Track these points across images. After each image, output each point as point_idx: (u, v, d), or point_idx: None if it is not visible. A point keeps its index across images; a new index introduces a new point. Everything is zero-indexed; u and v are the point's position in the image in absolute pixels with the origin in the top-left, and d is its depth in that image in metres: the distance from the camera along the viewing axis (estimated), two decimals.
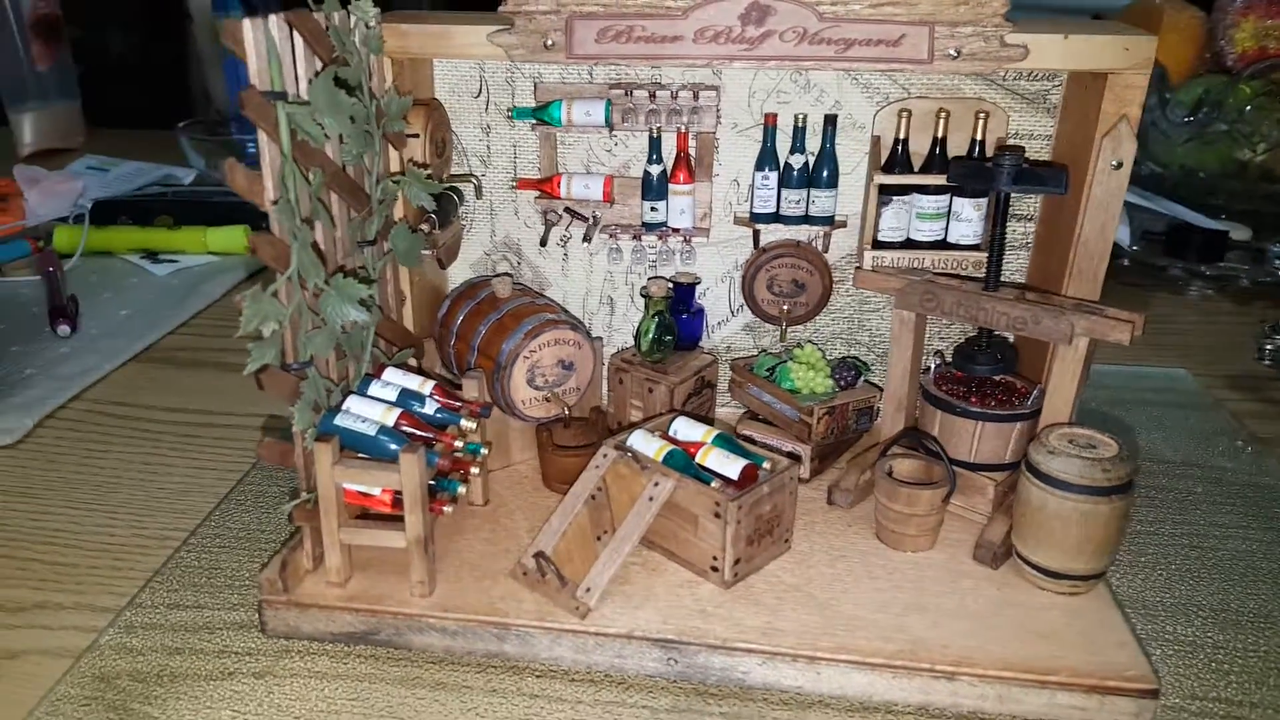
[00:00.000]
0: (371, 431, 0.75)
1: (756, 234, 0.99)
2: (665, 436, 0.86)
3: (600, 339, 1.01)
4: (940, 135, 0.91)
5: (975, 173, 0.84)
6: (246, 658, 0.77)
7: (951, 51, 0.80)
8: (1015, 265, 0.98)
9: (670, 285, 0.97)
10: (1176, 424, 1.13)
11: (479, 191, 0.99)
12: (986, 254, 0.88)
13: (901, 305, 0.90)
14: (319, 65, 0.72)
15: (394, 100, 0.82)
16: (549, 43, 0.84)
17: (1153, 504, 0.98)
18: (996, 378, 0.90)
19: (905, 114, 0.91)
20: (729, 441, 0.85)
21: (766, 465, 0.82)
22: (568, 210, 1.00)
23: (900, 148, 0.93)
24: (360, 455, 0.77)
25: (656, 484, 0.79)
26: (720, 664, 0.74)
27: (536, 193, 1.00)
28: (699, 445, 0.84)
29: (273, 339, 0.69)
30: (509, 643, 0.76)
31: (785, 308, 1.00)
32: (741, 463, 0.81)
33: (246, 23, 0.64)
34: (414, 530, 0.75)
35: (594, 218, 1.00)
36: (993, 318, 0.85)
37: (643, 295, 0.99)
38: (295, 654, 0.78)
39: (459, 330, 0.96)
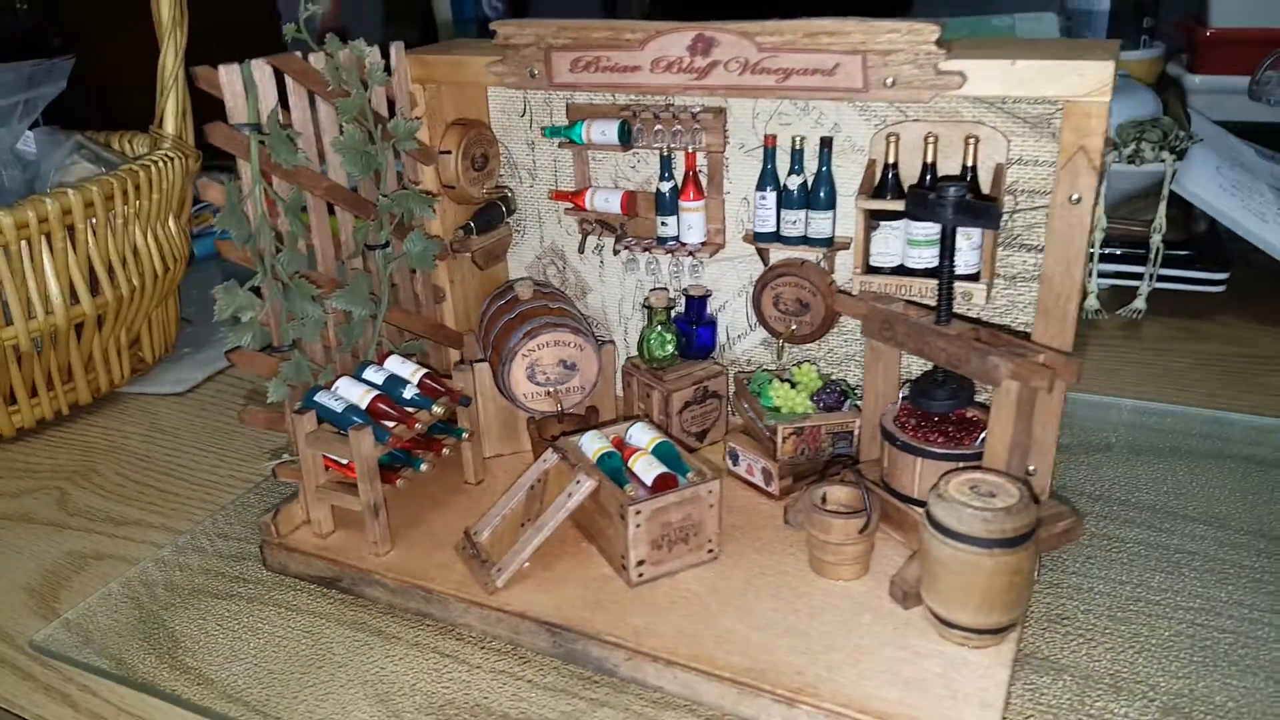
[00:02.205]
0: (339, 409, 0.89)
1: (762, 251, 1.01)
2: (616, 439, 0.92)
3: (612, 342, 1.07)
4: (929, 160, 0.89)
5: (921, 203, 0.82)
6: (249, 585, 0.94)
7: (888, 79, 0.79)
8: (1028, 298, 0.92)
9: (674, 296, 1.02)
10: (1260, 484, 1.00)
11: (510, 203, 1.10)
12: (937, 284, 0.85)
13: (865, 332, 0.89)
14: (307, 97, 0.87)
15: (401, 124, 0.95)
16: (534, 72, 0.92)
17: (1176, 569, 0.89)
18: (964, 413, 0.87)
19: (893, 138, 0.90)
20: (668, 451, 0.89)
21: (691, 477, 0.86)
22: (598, 221, 1.08)
23: (890, 172, 0.91)
24: (336, 429, 0.91)
25: (578, 482, 0.86)
26: (596, 654, 0.80)
27: (569, 204, 1.09)
28: (635, 450, 0.90)
29: (249, 324, 0.84)
30: (433, 605, 0.87)
31: (792, 326, 1.02)
32: (660, 471, 0.86)
33: (222, 68, 0.79)
34: (365, 497, 0.88)
35: (621, 229, 1.07)
36: (935, 352, 0.82)
37: (644, 306, 1.05)
38: (284, 588, 0.94)
39: (485, 326, 1.07)
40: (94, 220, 1.18)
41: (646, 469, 0.87)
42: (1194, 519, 0.96)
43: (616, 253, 1.08)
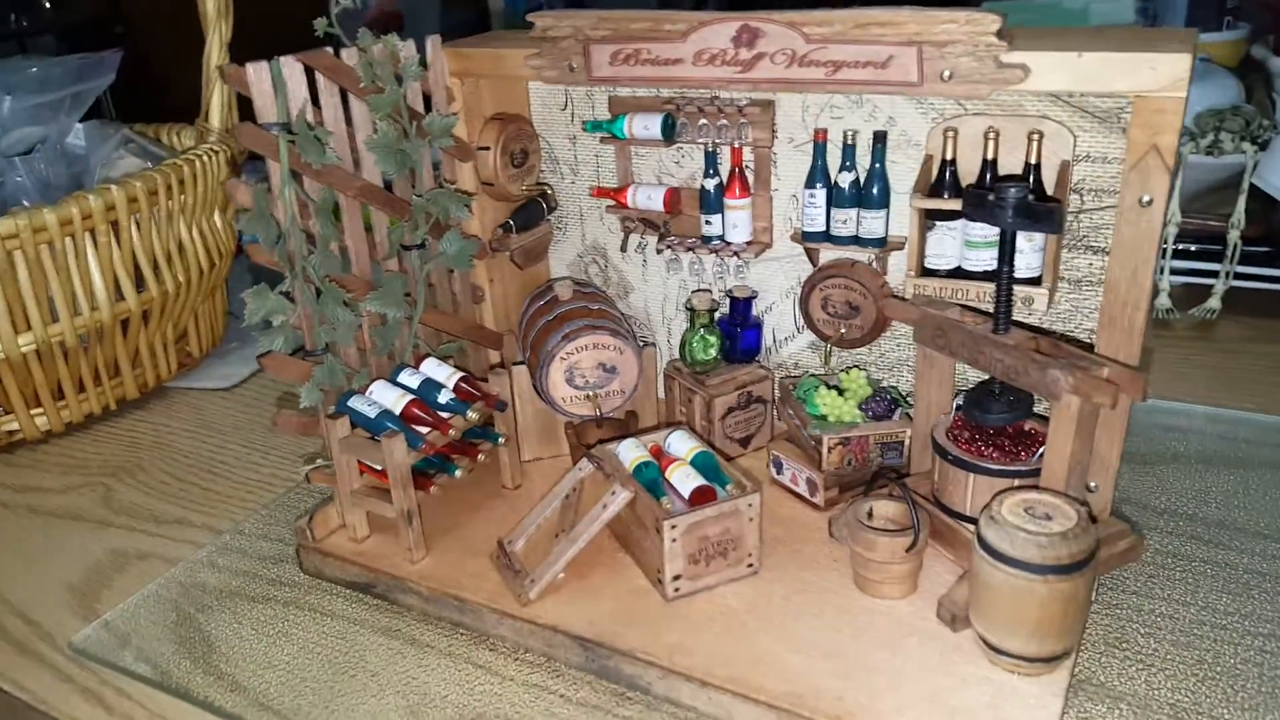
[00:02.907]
0: (373, 414, 0.87)
1: (810, 251, 0.97)
2: (654, 448, 0.90)
3: (653, 345, 1.04)
4: (990, 157, 0.84)
5: (979, 203, 0.77)
6: (286, 588, 0.93)
7: (945, 73, 0.74)
8: (1093, 304, 0.87)
9: (717, 298, 0.99)
10: None
11: (551, 200, 1.07)
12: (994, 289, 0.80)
13: (917, 339, 0.85)
14: (338, 93, 0.85)
15: (436, 120, 0.92)
16: (572, 66, 0.89)
17: (1245, 590, 0.84)
18: (1021, 425, 0.83)
19: (951, 133, 0.85)
20: (707, 461, 0.86)
21: (731, 489, 0.83)
22: (640, 219, 1.05)
23: (947, 169, 0.86)
24: (369, 435, 0.89)
25: (614, 493, 0.84)
26: (629, 671, 0.78)
27: (610, 201, 1.06)
28: (673, 460, 0.87)
29: (280, 328, 0.83)
30: (467, 615, 0.85)
31: (841, 330, 0.98)
32: (698, 483, 0.83)
33: (250, 66, 0.78)
34: (398, 504, 0.87)
35: (665, 227, 1.04)
36: (990, 363, 0.78)
37: (686, 308, 1.01)
38: (320, 592, 0.93)
39: (525, 327, 1.05)
40: (138, 216, 1.19)
41: (684, 480, 0.84)
42: (1267, 536, 0.90)
43: (659, 252, 1.05)
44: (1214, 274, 1.26)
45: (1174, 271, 1.34)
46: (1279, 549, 0.88)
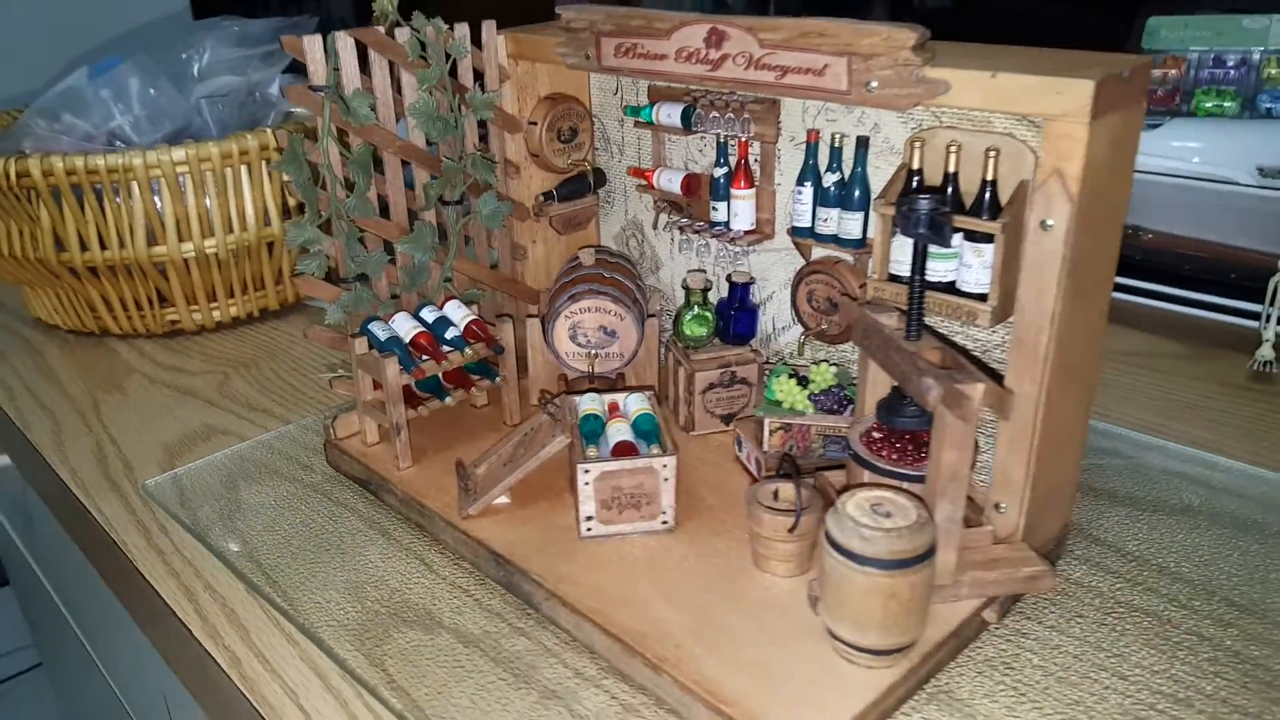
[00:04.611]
0: (384, 337, 1.02)
1: (801, 246, 1.02)
2: (612, 404, 0.98)
3: (656, 316, 1.12)
4: (951, 170, 0.85)
5: (901, 213, 0.80)
6: (312, 474, 1.11)
7: (871, 84, 0.78)
8: None
9: (709, 279, 1.06)
10: None
11: (600, 176, 1.17)
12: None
13: (854, 339, 0.88)
14: (387, 66, 0.99)
15: (478, 95, 1.05)
16: (588, 55, 0.99)
17: (1172, 650, 0.81)
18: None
19: (918, 143, 0.87)
20: (647, 423, 0.94)
21: (654, 450, 0.91)
22: (667, 200, 1.13)
23: (915, 178, 0.88)
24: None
25: (555, 437, 0.94)
26: (525, 588, 0.88)
27: (641, 180, 1.15)
28: (619, 418, 0.95)
29: (316, 255, 1.00)
30: (425, 519, 0.99)
31: (822, 325, 1.02)
32: (624, 439, 0.91)
33: (306, 38, 0.94)
34: (390, 416, 1.01)
35: (686, 210, 1.11)
36: (892, 367, 0.81)
37: (683, 287, 1.08)
38: (334, 481, 1.09)
39: (553, 286, 1.16)
40: None
41: (616, 434, 0.92)
42: (1235, 605, 0.85)
43: (666, 229, 1.13)
44: None
45: None
46: (1239, 619, 0.84)
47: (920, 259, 0.79)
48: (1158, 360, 1.31)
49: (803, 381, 0.99)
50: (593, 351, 1.09)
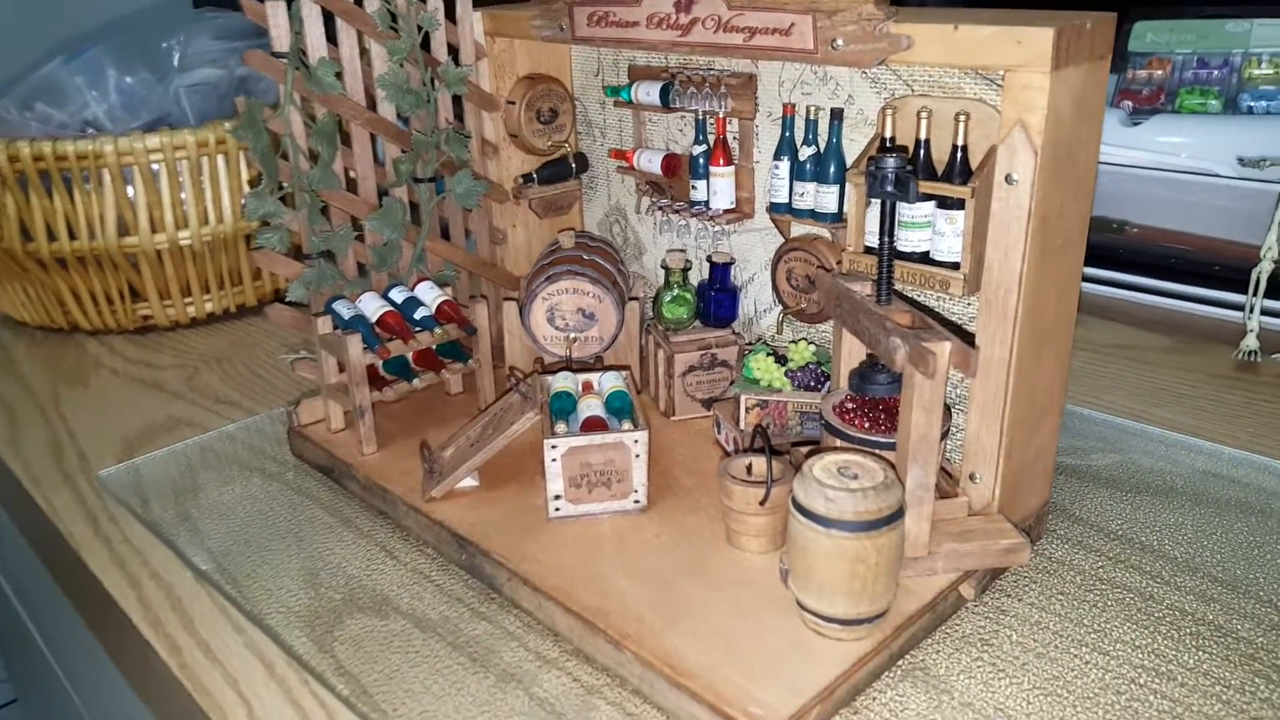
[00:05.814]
0: (348, 316, 1.00)
1: (779, 223, 1.00)
2: (586, 383, 0.96)
3: (636, 299, 1.10)
4: (923, 137, 0.84)
5: (868, 173, 0.78)
6: (273, 463, 1.08)
7: (836, 41, 0.76)
8: None
9: (688, 259, 1.03)
10: None
11: (582, 160, 1.15)
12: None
13: (827, 310, 0.86)
14: (355, 35, 0.98)
15: (451, 69, 1.04)
16: (562, 26, 0.98)
17: (1153, 624, 0.78)
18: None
19: (891, 110, 0.85)
20: (619, 400, 0.92)
21: (625, 427, 0.88)
22: (650, 182, 1.11)
23: (887, 147, 0.87)
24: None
25: (524, 415, 0.91)
26: (488, 570, 0.85)
27: (622, 162, 1.13)
28: (592, 395, 0.93)
29: (277, 229, 0.97)
30: (388, 505, 0.96)
31: (802, 305, 0.99)
32: (594, 414, 0.88)
33: (269, 3, 0.92)
34: (352, 398, 0.99)
35: (668, 191, 1.09)
36: (861, 331, 0.78)
37: (662, 267, 1.06)
38: (297, 470, 1.06)
39: (532, 270, 1.14)
40: None
41: (586, 410, 0.90)
42: (1220, 581, 0.83)
43: (648, 212, 1.11)
44: None
45: (1265, 312, 1.22)
46: (1223, 594, 0.81)
47: (889, 220, 0.77)
48: (1144, 353, 1.29)
49: (781, 359, 0.97)
50: (570, 335, 1.07)
